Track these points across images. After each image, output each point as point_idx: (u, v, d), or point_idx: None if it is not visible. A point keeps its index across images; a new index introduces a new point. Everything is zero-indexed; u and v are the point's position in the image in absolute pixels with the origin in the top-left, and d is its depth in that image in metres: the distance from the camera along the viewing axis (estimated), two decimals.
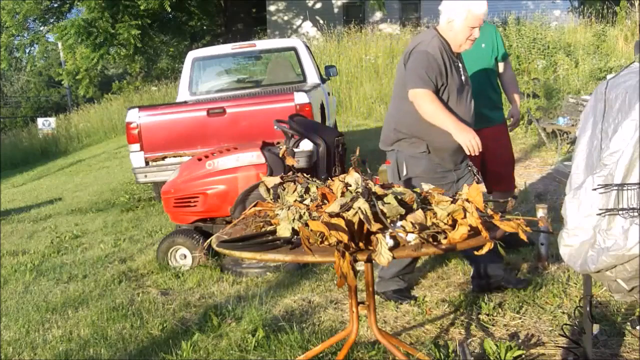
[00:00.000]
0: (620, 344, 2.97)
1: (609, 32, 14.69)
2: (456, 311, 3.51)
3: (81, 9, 18.48)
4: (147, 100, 19.46)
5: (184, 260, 4.75)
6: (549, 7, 18.00)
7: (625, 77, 2.21)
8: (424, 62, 3.29)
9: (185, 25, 22.12)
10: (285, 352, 3.10)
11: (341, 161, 4.87)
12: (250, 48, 8.30)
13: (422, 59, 3.30)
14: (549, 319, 3.31)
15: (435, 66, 3.28)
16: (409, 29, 18.60)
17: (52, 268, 5.24)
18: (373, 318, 2.56)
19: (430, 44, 3.34)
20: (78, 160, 15.52)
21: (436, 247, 2.10)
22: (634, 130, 2.00)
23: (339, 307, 3.70)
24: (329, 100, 8.20)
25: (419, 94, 3.27)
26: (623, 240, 2.01)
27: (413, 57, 3.36)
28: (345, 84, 15.19)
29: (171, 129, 6.16)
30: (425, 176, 3.30)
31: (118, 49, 18.33)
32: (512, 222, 2.18)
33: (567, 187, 2.28)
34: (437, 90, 3.32)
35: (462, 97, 3.41)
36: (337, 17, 22.34)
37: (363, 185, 2.26)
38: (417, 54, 3.35)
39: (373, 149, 9.84)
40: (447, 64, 3.32)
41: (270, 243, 2.22)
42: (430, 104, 3.25)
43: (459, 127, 3.21)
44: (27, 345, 3.59)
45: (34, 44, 20.84)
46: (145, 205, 7.69)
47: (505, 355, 2.83)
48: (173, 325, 3.63)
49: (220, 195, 4.67)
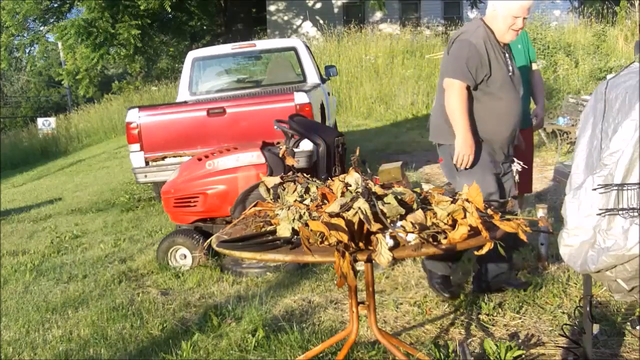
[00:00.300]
0: (620, 344, 2.97)
1: (609, 32, 14.70)
2: (456, 311, 3.51)
3: (81, 9, 18.46)
4: (147, 100, 19.46)
5: (184, 260, 4.75)
6: (549, 7, 18.00)
7: (625, 77, 2.21)
8: (465, 52, 3.23)
9: (185, 25, 22.11)
10: (285, 352, 3.10)
11: (341, 161, 4.87)
12: (250, 48, 8.30)
13: (463, 49, 3.25)
14: (549, 319, 3.31)
15: (477, 57, 3.22)
16: (409, 29, 18.62)
17: (52, 268, 5.24)
18: (373, 318, 2.56)
19: (474, 33, 3.28)
20: (78, 160, 15.52)
21: (436, 247, 2.10)
22: (634, 130, 2.00)
23: (339, 307, 3.70)
24: (329, 100, 8.20)
25: (453, 85, 3.23)
26: (623, 240, 2.01)
27: (455, 46, 3.31)
28: (345, 84, 15.20)
29: (171, 129, 6.16)
30: (483, 166, 3.26)
31: (118, 49, 18.32)
32: (512, 222, 2.18)
33: (567, 187, 2.28)
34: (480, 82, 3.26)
35: (508, 88, 3.35)
36: (337, 17, 22.35)
37: (363, 185, 2.26)
38: (460, 43, 3.29)
39: (373, 149, 9.87)
40: (490, 54, 3.25)
41: (270, 243, 2.22)
42: (457, 99, 3.22)
43: (466, 136, 3.19)
44: (27, 345, 3.59)
45: (34, 44, 20.85)
46: (145, 205, 7.69)
47: (505, 355, 2.83)
48: (173, 325, 3.63)
49: (220, 195, 4.67)
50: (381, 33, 18.48)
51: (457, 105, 3.23)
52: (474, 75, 3.24)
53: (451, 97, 3.24)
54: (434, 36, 18.42)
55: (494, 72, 3.27)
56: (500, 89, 3.30)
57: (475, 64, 3.22)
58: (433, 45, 16.63)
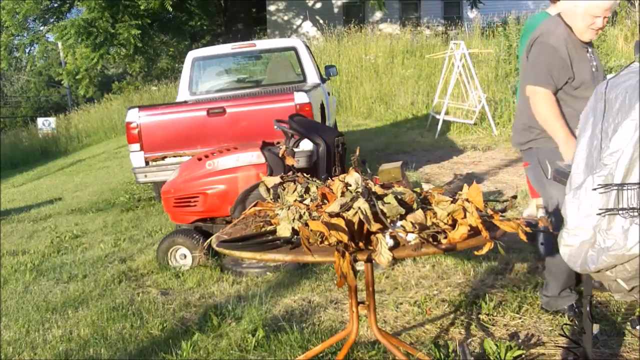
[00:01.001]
0: (620, 344, 2.97)
1: (609, 32, 14.69)
2: (456, 311, 3.51)
3: (81, 9, 18.46)
4: (147, 100, 19.48)
5: (184, 260, 4.75)
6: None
7: (625, 77, 2.21)
8: (546, 56, 3.09)
9: (185, 25, 22.12)
10: (285, 352, 3.10)
11: (341, 161, 4.87)
12: (250, 48, 8.30)
13: (543, 53, 3.11)
14: (549, 319, 3.31)
15: (558, 60, 3.07)
16: (409, 29, 18.63)
17: (52, 268, 5.24)
18: (373, 318, 2.56)
19: (554, 34, 3.12)
20: (78, 160, 15.52)
21: (436, 247, 2.09)
22: (634, 130, 1.99)
23: (339, 307, 3.70)
24: (329, 100, 8.20)
25: (537, 93, 3.09)
26: (623, 240, 2.01)
27: (535, 49, 3.16)
28: (345, 84, 15.20)
29: (171, 128, 6.16)
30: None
31: (118, 49, 18.33)
32: (512, 222, 2.18)
33: (567, 187, 2.28)
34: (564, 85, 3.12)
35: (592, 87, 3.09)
36: (337, 17, 22.36)
37: (363, 185, 2.26)
38: (539, 46, 3.14)
39: (373, 149, 9.87)
40: (572, 54, 3.10)
41: (270, 243, 2.22)
42: (547, 107, 3.08)
43: (569, 141, 3.01)
44: (27, 345, 3.59)
45: (34, 43, 20.84)
46: (145, 205, 7.69)
47: (505, 355, 2.83)
48: (173, 325, 3.64)
49: (220, 195, 4.67)
50: (381, 33, 18.48)
51: (547, 112, 3.08)
52: (556, 80, 3.10)
53: (538, 105, 3.11)
54: (434, 36, 18.42)
55: (577, 73, 3.12)
56: (584, 89, 3.11)
57: (557, 68, 3.07)
58: (433, 45, 16.62)
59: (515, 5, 17.41)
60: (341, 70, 14.54)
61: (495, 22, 16.47)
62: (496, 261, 4.22)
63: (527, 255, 4.27)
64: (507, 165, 7.86)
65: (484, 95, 10.35)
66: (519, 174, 7.22)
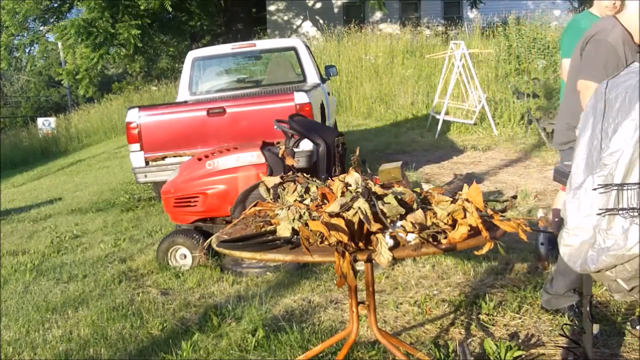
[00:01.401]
0: (620, 344, 2.97)
1: None
2: (456, 311, 3.51)
3: (81, 9, 18.46)
4: (147, 100, 19.48)
5: (184, 260, 4.75)
6: (549, 7, 18.02)
7: (625, 77, 2.21)
8: (602, 52, 3.05)
9: (185, 25, 22.13)
10: (285, 352, 3.10)
11: (341, 161, 4.87)
12: (250, 48, 8.30)
13: (600, 49, 3.07)
14: (549, 319, 3.30)
15: (615, 58, 3.03)
16: (409, 29, 18.63)
17: (52, 268, 5.24)
18: (373, 318, 2.56)
19: (611, 33, 3.08)
20: (78, 160, 15.52)
21: (436, 247, 2.09)
22: (634, 130, 1.99)
23: (339, 307, 3.70)
24: (329, 100, 8.20)
25: (590, 87, 3.01)
26: (623, 240, 2.01)
27: (592, 45, 3.12)
28: (345, 84, 15.20)
29: (171, 128, 6.16)
30: None
31: (118, 49, 18.33)
32: (512, 222, 2.18)
33: (567, 187, 2.28)
34: None
35: None
36: (337, 17, 22.37)
37: (363, 185, 2.26)
38: (596, 43, 3.10)
39: (373, 149, 9.87)
40: (628, 56, 3.05)
41: (270, 243, 2.22)
42: None
43: None
44: (27, 345, 3.59)
45: (34, 43, 20.84)
46: (145, 205, 7.69)
47: (505, 355, 2.83)
48: (173, 325, 3.64)
49: (220, 195, 4.67)
50: (381, 33, 18.48)
51: None
52: None
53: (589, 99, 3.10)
54: (434, 36, 18.42)
55: None
56: None
57: (612, 66, 3.00)
58: (433, 45, 16.63)
59: (515, 5, 17.44)
60: (341, 70, 14.54)
61: (495, 22, 16.49)
62: (496, 261, 4.22)
63: (527, 255, 4.27)
64: (507, 165, 7.86)
65: (484, 95, 10.35)
66: (519, 174, 7.22)
